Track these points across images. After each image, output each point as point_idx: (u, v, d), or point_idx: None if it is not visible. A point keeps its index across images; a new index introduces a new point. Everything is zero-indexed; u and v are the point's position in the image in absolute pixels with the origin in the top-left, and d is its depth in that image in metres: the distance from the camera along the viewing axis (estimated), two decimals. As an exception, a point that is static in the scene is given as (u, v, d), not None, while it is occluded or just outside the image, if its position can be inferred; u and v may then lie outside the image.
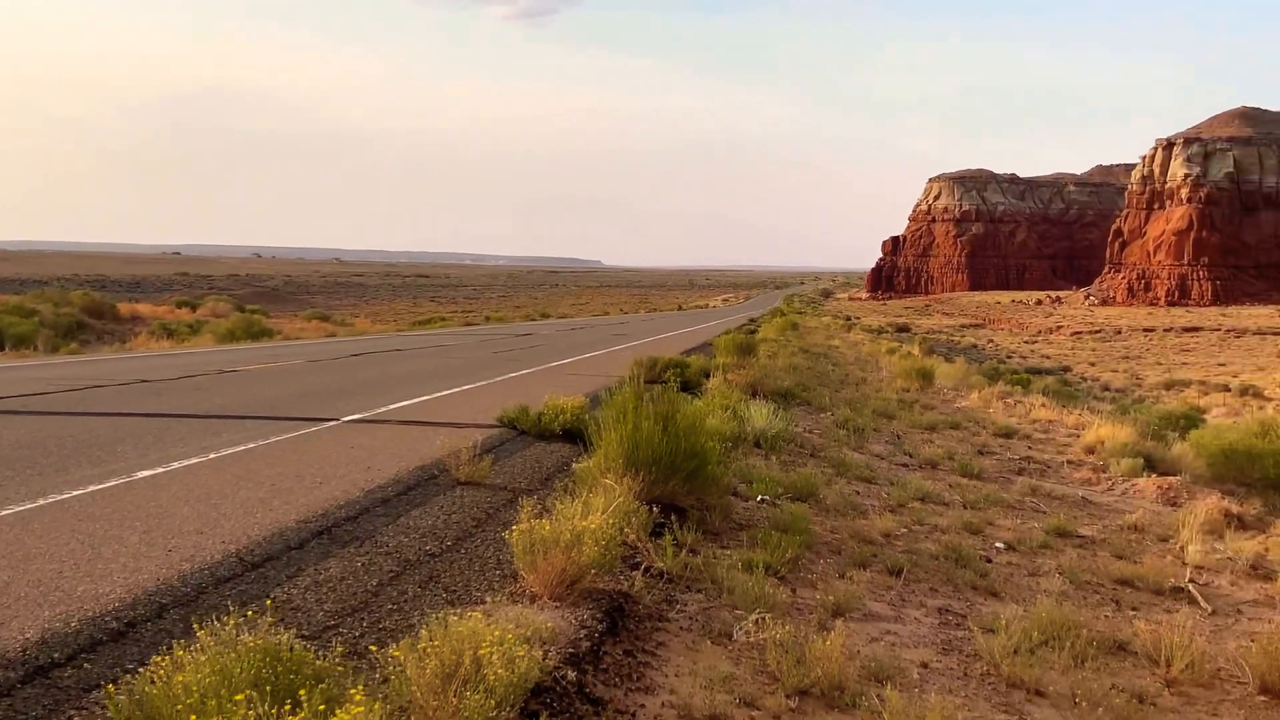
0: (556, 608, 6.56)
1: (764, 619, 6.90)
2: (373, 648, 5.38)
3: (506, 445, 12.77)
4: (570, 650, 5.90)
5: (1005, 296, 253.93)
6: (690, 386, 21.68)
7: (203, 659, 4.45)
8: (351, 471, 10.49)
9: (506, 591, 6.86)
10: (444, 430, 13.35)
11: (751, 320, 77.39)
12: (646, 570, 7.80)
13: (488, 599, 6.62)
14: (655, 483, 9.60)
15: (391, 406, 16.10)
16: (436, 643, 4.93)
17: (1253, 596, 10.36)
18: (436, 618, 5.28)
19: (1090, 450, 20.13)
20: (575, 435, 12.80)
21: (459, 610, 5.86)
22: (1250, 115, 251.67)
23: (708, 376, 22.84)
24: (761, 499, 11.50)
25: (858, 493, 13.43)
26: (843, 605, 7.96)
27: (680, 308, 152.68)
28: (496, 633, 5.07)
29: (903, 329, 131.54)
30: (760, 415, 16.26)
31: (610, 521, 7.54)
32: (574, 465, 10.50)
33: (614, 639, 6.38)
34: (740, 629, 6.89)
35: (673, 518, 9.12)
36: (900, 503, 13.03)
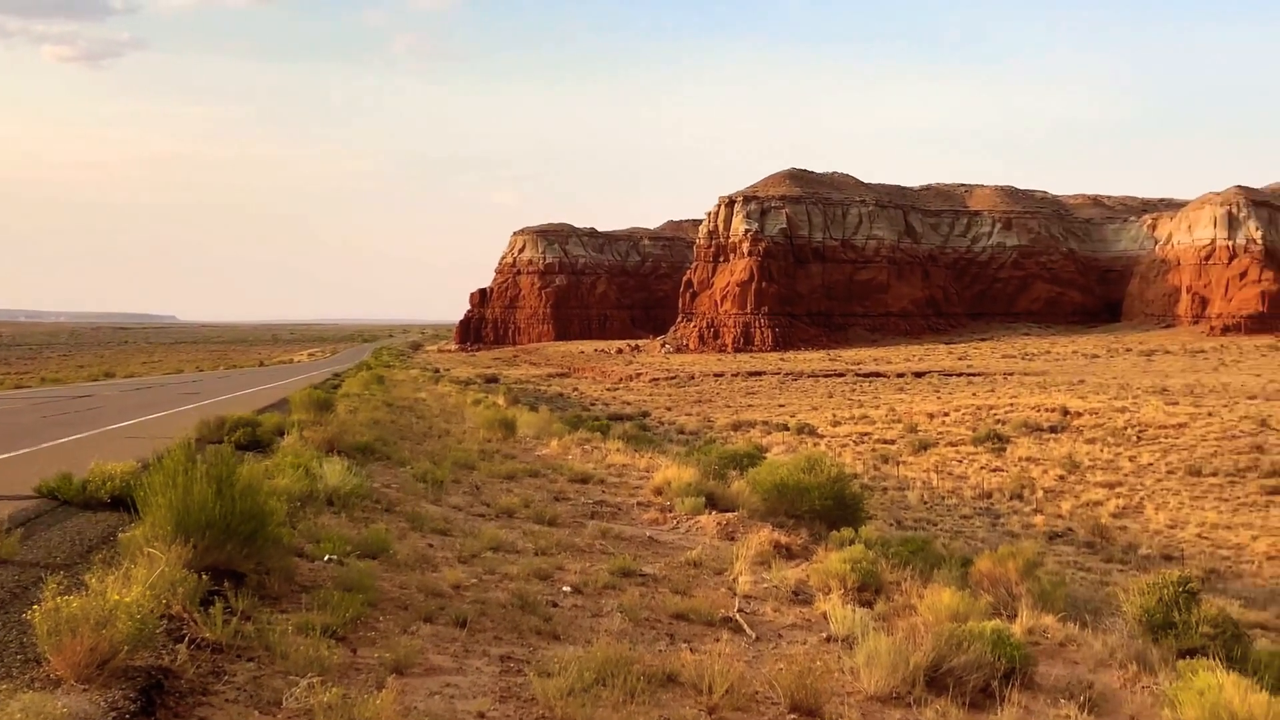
0: (84, 690, 6.08)
1: (316, 683, 6.70)
2: None
3: (44, 517, 11.77)
4: (96, 736, 5.47)
5: (589, 346, 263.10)
6: (262, 445, 20.93)
7: None
8: None
9: (27, 677, 6.29)
10: (-31, 506, 12.12)
11: (336, 375, 75.85)
12: (193, 642, 7.39)
13: (1, 687, 6.03)
14: (209, 548, 9.15)
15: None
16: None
17: (793, 621, 11.17)
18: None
19: (659, 491, 21.06)
20: (126, 503, 11.99)
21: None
22: (798, 176, 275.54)
23: (282, 434, 22.13)
24: (329, 558, 11.21)
25: (431, 546, 13.38)
26: (403, 661, 7.88)
27: (262, 363, 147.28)
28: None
29: (491, 380, 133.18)
30: (334, 472, 15.91)
31: (152, 593, 7.10)
32: (120, 535, 9.82)
33: (148, 719, 5.98)
34: (291, 695, 6.66)
35: (227, 584, 8.71)
36: (473, 553, 13.09)
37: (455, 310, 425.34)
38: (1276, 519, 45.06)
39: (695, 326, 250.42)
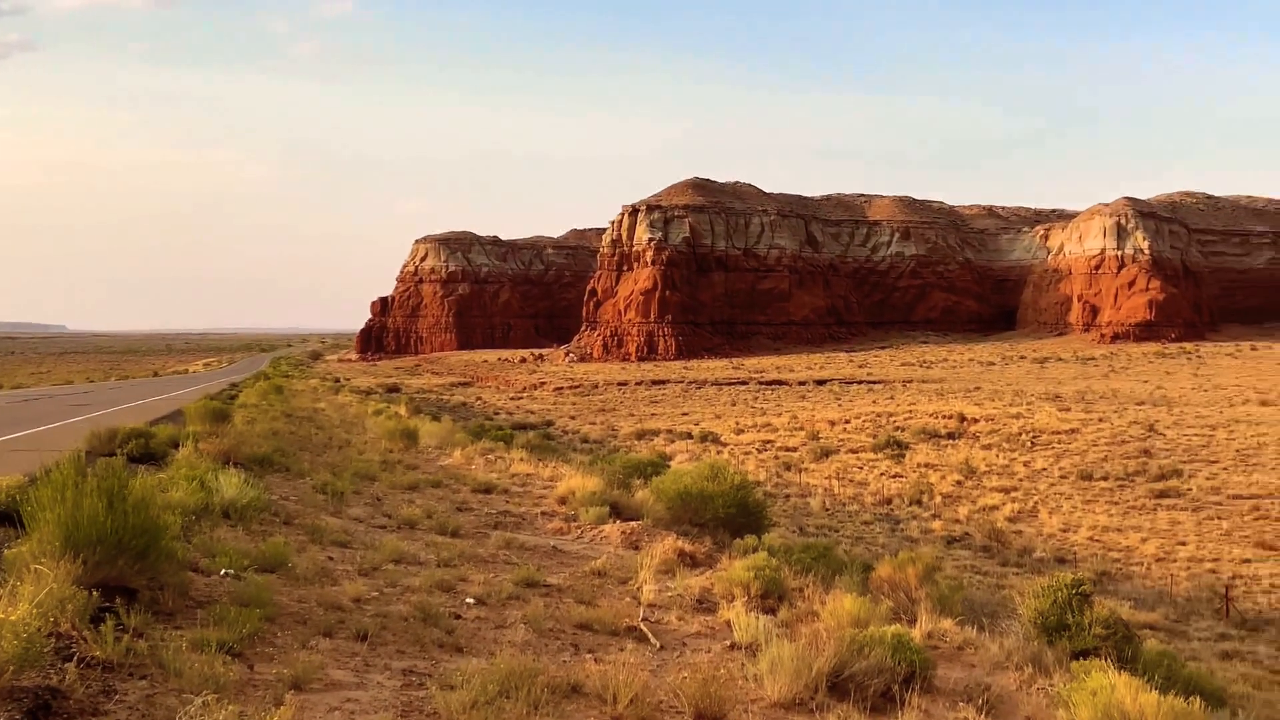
0: (-34, 714, 5.87)
1: (211, 701, 6.55)
2: None
3: (-78, 536, 11.33)
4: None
5: (492, 355, 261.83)
6: (156, 457, 20.45)
7: None
8: None
9: (-95, 704, 6.05)
10: None
11: (233, 385, 74.44)
12: (82, 661, 7.17)
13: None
14: (100, 564, 8.89)
15: None
16: None
17: (697, 629, 11.20)
18: None
19: (563, 501, 21.01)
20: (11, 518, 11.60)
21: None
22: (701, 186, 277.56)
23: (177, 446, 21.64)
24: (225, 573, 10.97)
25: (331, 558, 13.17)
26: (302, 677, 7.73)
27: (156, 374, 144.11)
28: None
29: (393, 389, 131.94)
30: (231, 484, 15.59)
31: (39, 611, 6.89)
32: (5, 551, 9.50)
33: (35, 742, 5.79)
34: (185, 714, 6.49)
35: (119, 600, 8.48)
36: (374, 566, 12.91)
37: (356, 319, 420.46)
38: (1164, 521, 46.42)
39: (599, 335, 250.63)
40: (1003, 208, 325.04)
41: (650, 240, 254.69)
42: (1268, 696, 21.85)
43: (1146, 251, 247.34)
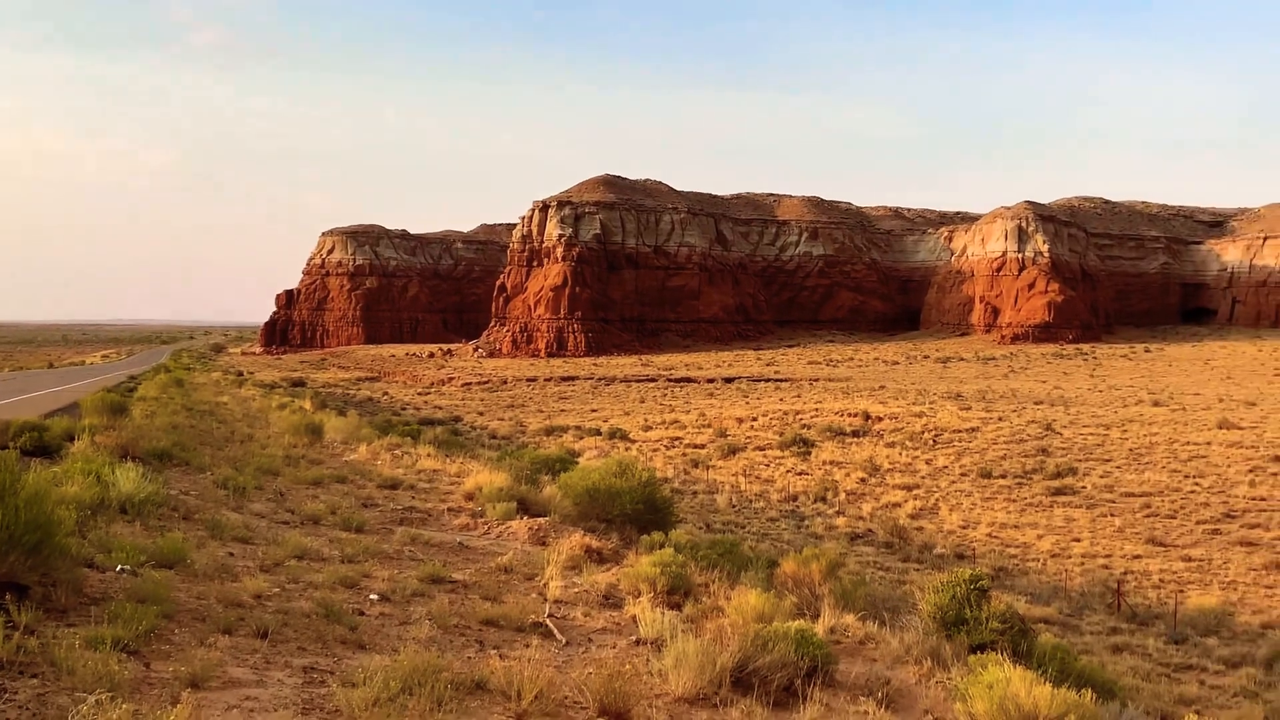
0: None
1: (105, 699, 6.40)
2: None
3: None
4: None
5: (400, 350, 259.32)
6: (50, 451, 19.95)
7: None
8: None
9: None
10: None
11: (132, 377, 72.84)
12: (-30, 660, 6.97)
13: None
14: (-11, 561, 8.65)
15: None
16: None
17: (603, 625, 11.22)
18: None
19: (470, 497, 20.90)
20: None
21: None
22: (612, 182, 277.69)
23: (72, 439, 21.11)
24: (121, 569, 10.74)
25: (232, 554, 12.95)
26: (200, 675, 7.59)
27: (51, 365, 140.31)
28: None
29: (298, 383, 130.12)
30: (128, 479, 15.25)
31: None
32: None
33: (-82, 743, 5.61)
34: (77, 713, 6.34)
35: (9, 597, 8.26)
36: (276, 562, 12.73)
37: (260, 312, 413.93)
38: (1060, 518, 47.53)
39: (509, 331, 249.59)
40: (908, 209, 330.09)
41: (561, 236, 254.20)
42: (1156, 689, 22.48)
43: (1046, 254, 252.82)
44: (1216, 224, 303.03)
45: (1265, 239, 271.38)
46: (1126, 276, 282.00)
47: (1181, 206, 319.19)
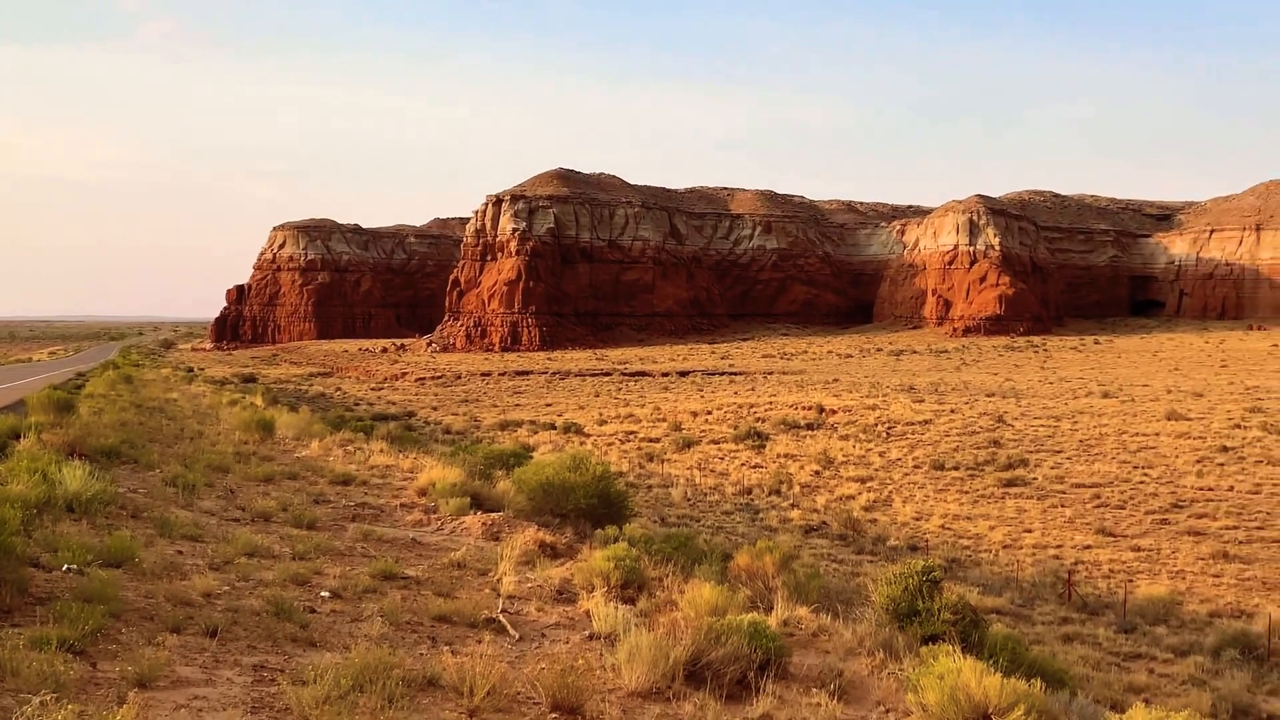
0: None
1: (50, 700, 6.32)
2: None
3: None
4: None
5: (353, 345, 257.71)
6: (-5, 449, 19.68)
7: None
8: None
9: None
10: None
11: (80, 374, 71.89)
12: (-90, 662, 6.85)
13: None
14: (-69, 561, 8.53)
15: None
16: None
17: (556, 620, 11.21)
18: None
19: (423, 492, 20.82)
20: None
21: None
22: (566, 176, 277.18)
23: (18, 437, 20.83)
24: (68, 568, 10.62)
25: (181, 553, 12.84)
26: (147, 675, 7.51)
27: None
28: None
29: (249, 379, 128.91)
30: (75, 477, 15.07)
31: None
32: None
33: None
34: (21, 714, 6.25)
35: (-50, 599, 8.13)
36: (226, 559, 12.63)
37: (211, 308, 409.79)
38: (1012, 509, 47.99)
39: (462, 325, 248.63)
40: (861, 203, 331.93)
41: (514, 230, 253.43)
42: (1105, 677, 22.76)
43: (997, 248, 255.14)
44: (1164, 217, 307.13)
45: (1212, 232, 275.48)
46: (1076, 269, 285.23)
47: (1130, 200, 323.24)
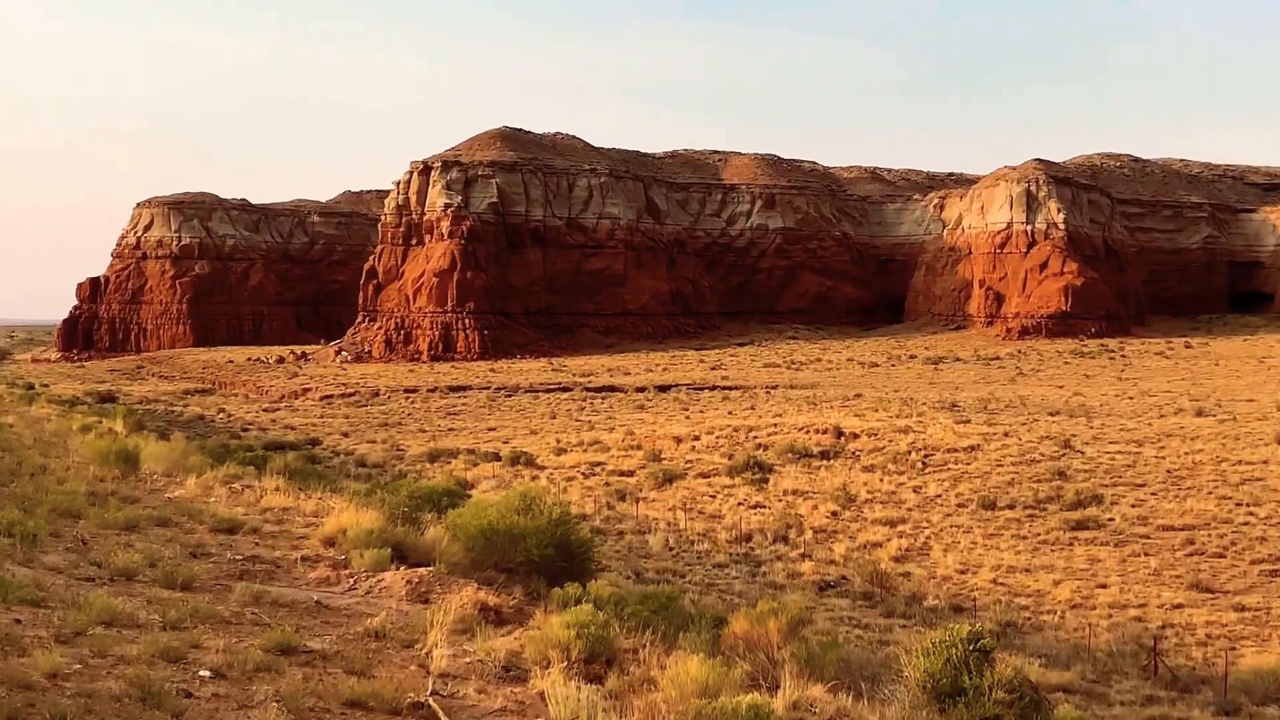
0: None
1: None
2: None
3: None
4: None
5: (240, 354, 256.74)
6: None
7: None
8: None
9: None
10: None
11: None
12: None
13: None
14: None
15: None
16: None
17: (502, 704, 11.23)
18: None
19: (331, 542, 20.76)
20: None
21: None
22: (512, 137, 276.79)
23: None
24: None
25: (19, 621, 12.80)
26: (-25, 780, 7.47)
27: None
28: None
29: (107, 398, 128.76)
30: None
31: None
32: None
33: None
34: None
35: None
36: (77, 630, 12.61)
37: (56, 307, 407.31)
38: (1081, 559, 48.21)
39: (381, 328, 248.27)
40: (889, 170, 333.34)
41: (447, 207, 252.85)
42: (1202, 771, 22.91)
43: (1061, 226, 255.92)
44: (1273, 187, 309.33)
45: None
46: (1161, 254, 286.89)
47: (1230, 166, 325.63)
